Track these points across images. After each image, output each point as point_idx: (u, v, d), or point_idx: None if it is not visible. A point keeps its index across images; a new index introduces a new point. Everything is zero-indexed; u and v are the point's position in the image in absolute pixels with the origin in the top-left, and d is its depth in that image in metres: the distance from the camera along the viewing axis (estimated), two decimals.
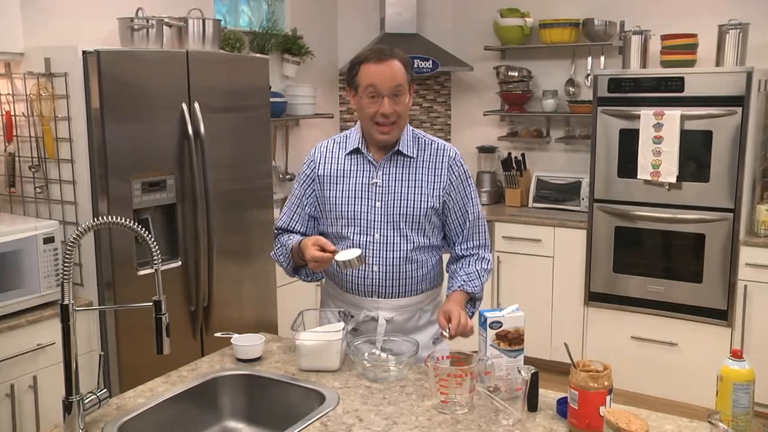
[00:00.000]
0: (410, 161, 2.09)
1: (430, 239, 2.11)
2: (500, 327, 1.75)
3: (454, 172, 2.10)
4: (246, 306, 3.27)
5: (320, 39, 4.65)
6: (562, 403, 1.68)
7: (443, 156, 2.11)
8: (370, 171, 2.09)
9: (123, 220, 1.56)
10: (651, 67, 4.03)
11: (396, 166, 2.09)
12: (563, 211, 4.39)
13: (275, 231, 2.25)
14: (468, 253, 2.16)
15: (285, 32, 4.33)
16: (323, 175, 2.13)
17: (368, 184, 2.08)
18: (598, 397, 1.54)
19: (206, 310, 3.05)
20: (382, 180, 2.08)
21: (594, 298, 4.08)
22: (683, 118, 3.66)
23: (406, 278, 2.08)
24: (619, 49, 4.32)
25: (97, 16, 3.18)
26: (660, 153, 3.72)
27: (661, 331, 3.89)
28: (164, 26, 3.06)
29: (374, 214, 2.07)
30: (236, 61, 3.22)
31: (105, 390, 1.67)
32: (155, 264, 1.60)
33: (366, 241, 2.06)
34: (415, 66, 4.59)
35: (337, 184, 2.11)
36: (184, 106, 2.88)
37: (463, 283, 2.10)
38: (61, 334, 1.57)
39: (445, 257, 2.22)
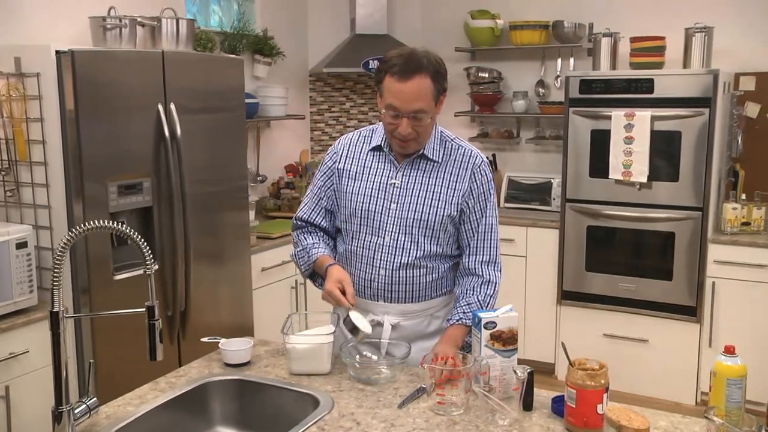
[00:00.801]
0: (433, 165, 2.02)
1: (443, 247, 2.03)
2: (494, 327, 1.76)
3: (476, 180, 2.02)
4: (222, 310, 3.23)
5: (290, 40, 4.62)
6: (557, 402, 1.70)
7: (468, 162, 2.03)
8: (390, 171, 2.03)
9: (116, 224, 1.53)
10: (620, 68, 4.10)
11: (417, 169, 2.02)
12: (535, 210, 4.44)
13: (295, 222, 2.17)
14: (474, 271, 2.04)
15: (256, 33, 4.29)
16: (343, 170, 2.08)
17: (386, 183, 2.02)
18: (596, 395, 1.56)
19: (183, 314, 3.00)
20: (401, 181, 2.02)
21: (566, 296, 4.13)
22: (653, 118, 3.73)
23: (413, 284, 2.02)
24: (588, 51, 4.40)
25: (66, 15, 3.11)
26: (631, 153, 3.79)
27: (632, 328, 3.96)
28: (137, 26, 3.01)
29: (387, 215, 2.01)
30: (211, 62, 3.18)
31: (95, 399, 1.62)
32: (148, 269, 1.57)
33: (375, 243, 2.02)
34: None
35: (355, 180, 2.06)
36: (160, 107, 2.83)
37: (462, 315, 1.99)
38: (50, 341, 1.53)
39: None
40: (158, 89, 2.84)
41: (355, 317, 1.90)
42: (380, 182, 2.03)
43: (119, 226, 1.53)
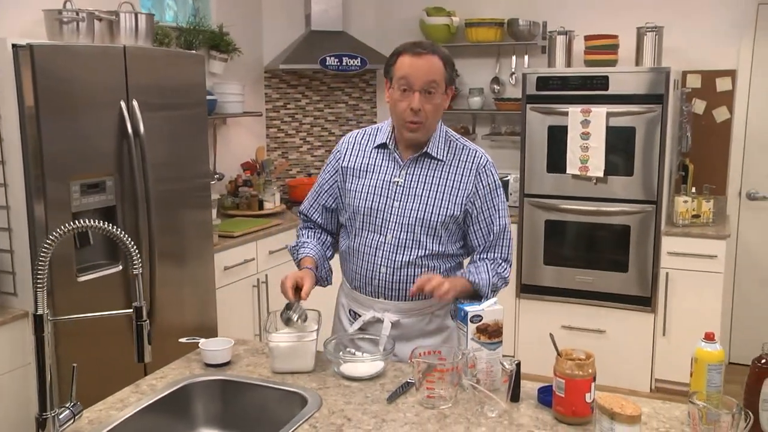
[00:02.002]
0: (437, 164, 2.02)
1: (445, 247, 2.03)
2: (481, 321, 1.78)
3: (481, 180, 2.02)
4: (187, 310, 3.17)
5: (245, 36, 4.55)
6: (544, 393, 1.73)
7: (472, 162, 2.03)
8: (393, 168, 2.04)
9: (101, 224, 1.49)
10: (575, 66, 4.20)
11: (421, 168, 2.02)
12: None
13: (299, 214, 2.25)
14: (489, 259, 2.06)
15: (212, 28, 4.22)
16: (347, 167, 2.10)
17: (390, 182, 2.03)
18: (584, 384, 1.59)
19: (148, 315, 2.92)
20: (405, 180, 2.02)
21: (525, 290, 4.20)
22: (608, 114, 3.83)
23: (413, 282, 1.97)
24: (543, 49, 4.48)
25: (17, 7, 2.99)
26: (588, 148, 3.88)
27: (589, 319, 4.06)
28: (95, 20, 2.93)
29: (390, 213, 2.01)
30: (172, 58, 3.11)
31: (78, 403, 1.58)
32: (135, 269, 1.53)
33: (378, 241, 2.03)
34: (343, 63, 4.59)
35: (359, 177, 2.07)
36: (123, 103, 2.76)
37: (468, 273, 2.01)
38: (33, 345, 1.48)
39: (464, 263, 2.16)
40: (120, 85, 2.76)
41: (294, 311, 1.94)
42: (384, 180, 2.04)
43: (105, 226, 1.49)
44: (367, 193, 2.04)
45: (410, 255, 2.01)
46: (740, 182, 4.32)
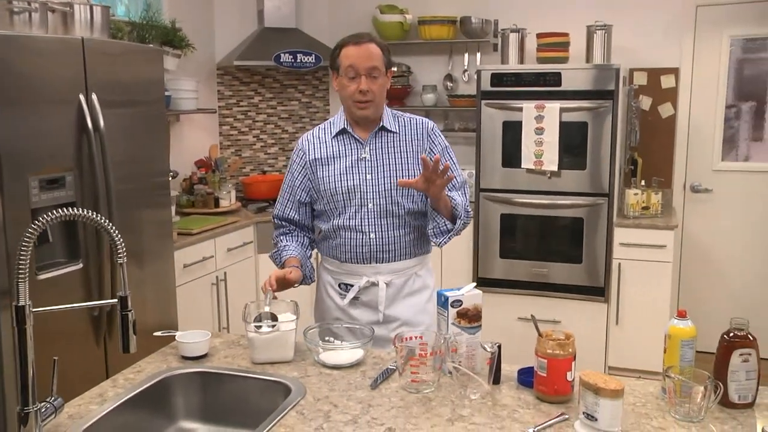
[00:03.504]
0: (393, 136, 2.27)
1: (418, 204, 2.26)
2: (461, 305, 1.81)
3: (433, 141, 2.30)
4: (148, 308, 3.11)
5: (197, 32, 4.49)
6: (523, 374, 1.78)
7: (422, 128, 2.30)
8: (358, 148, 2.25)
9: (88, 213, 1.46)
10: (528, 63, 4.29)
11: (381, 141, 2.26)
12: None
13: (274, 221, 2.39)
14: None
15: (164, 24, 4.15)
16: (314, 159, 2.27)
17: (357, 159, 2.24)
18: (566, 363, 1.64)
19: (110, 315, 2.87)
20: (370, 155, 2.25)
21: (481, 283, 4.24)
22: (561, 110, 3.93)
23: (400, 242, 2.25)
24: (495, 46, 4.57)
25: None
26: (542, 143, 3.98)
27: (545, 310, 4.14)
28: (48, 11, 2.85)
29: (366, 185, 2.22)
30: (131, 52, 3.04)
31: (60, 398, 1.54)
32: (119, 259, 1.51)
33: (361, 212, 2.23)
34: (298, 60, 4.58)
35: (328, 165, 2.25)
36: (82, 97, 2.69)
37: (447, 192, 2.19)
38: (14, 339, 1.43)
39: None
40: (79, 79, 2.69)
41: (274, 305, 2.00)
42: (352, 160, 2.25)
43: (91, 215, 1.46)
44: (341, 174, 2.24)
45: (393, 216, 2.24)
46: (685, 175, 4.50)
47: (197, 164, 4.53)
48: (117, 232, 1.51)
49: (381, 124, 2.26)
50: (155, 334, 2.01)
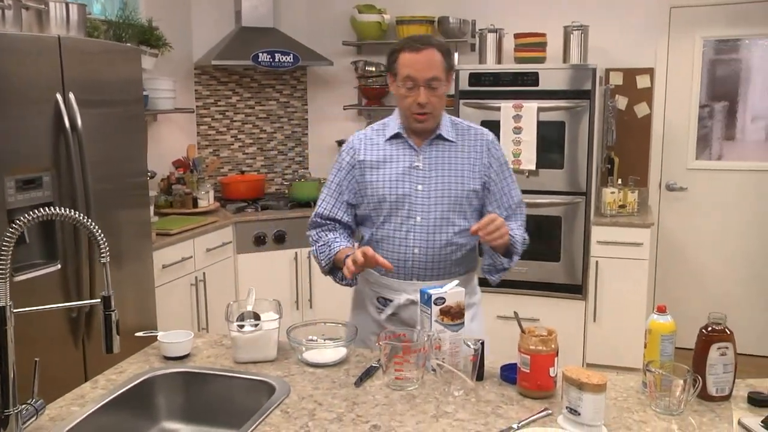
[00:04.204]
0: (450, 146, 2.13)
1: (469, 222, 2.11)
2: (444, 303, 1.82)
3: (493, 155, 2.16)
4: (127, 309, 3.08)
5: (174, 31, 4.46)
6: (506, 370, 1.79)
7: (482, 139, 2.17)
8: (411, 155, 2.12)
9: (70, 212, 1.44)
10: (505, 63, 4.32)
11: (437, 151, 2.13)
12: None
13: (315, 220, 2.23)
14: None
15: (141, 22, 4.11)
16: (364, 161, 2.15)
17: (410, 167, 2.11)
18: (548, 359, 1.66)
19: (88, 316, 2.84)
20: (424, 164, 2.11)
21: None
22: (539, 110, 3.96)
23: (445, 261, 2.12)
24: (472, 46, 4.59)
25: None
26: (520, 143, 4.01)
27: (524, 308, 4.13)
28: (22, 8, 2.82)
29: (416, 197, 2.10)
30: (109, 51, 3.02)
31: (41, 400, 1.52)
32: (103, 258, 1.49)
33: (408, 225, 2.10)
34: (276, 60, 4.56)
35: (378, 168, 2.13)
36: (59, 96, 2.66)
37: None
38: None
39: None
40: (56, 78, 2.66)
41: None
42: (404, 167, 2.12)
43: (74, 214, 1.45)
44: (390, 181, 2.11)
45: (441, 233, 2.10)
46: (660, 174, 4.56)
47: (175, 164, 4.50)
48: (100, 231, 1.49)
49: (438, 132, 2.12)
50: (137, 334, 2.00)
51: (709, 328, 1.66)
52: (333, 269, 2.16)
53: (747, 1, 4.28)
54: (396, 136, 2.14)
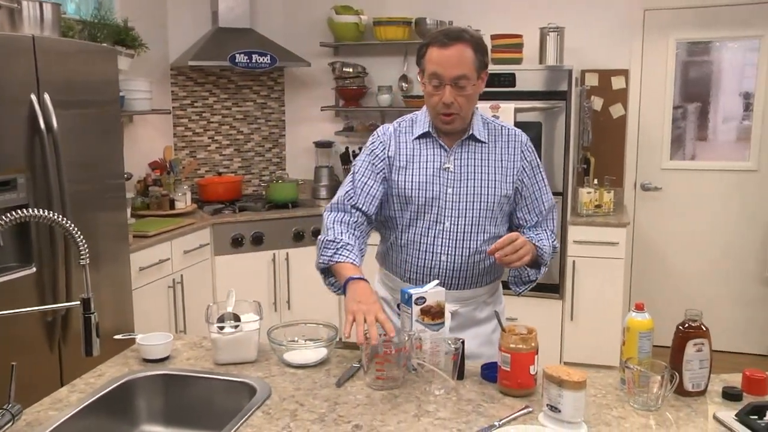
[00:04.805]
0: (482, 147, 2.01)
1: (500, 228, 2.04)
2: (424, 302, 1.82)
3: (526, 158, 2.05)
4: (104, 313, 3.04)
5: (150, 31, 4.42)
6: (487, 369, 1.80)
7: (516, 141, 2.05)
8: (441, 156, 2.00)
9: (49, 214, 1.43)
10: None
11: (468, 152, 2.00)
12: None
13: (335, 203, 2.02)
14: (543, 230, 2.09)
15: (116, 22, 4.07)
16: (393, 157, 2.02)
17: (440, 169, 1.99)
18: (529, 357, 1.68)
19: (64, 320, 2.80)
20: (455, 165, 1.99)
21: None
22: (516, 110, 3.99)
23: (475, 269, 2.02)
24: None
25: None
26: None
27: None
28: None
29: (445, 200, 1.98)
30: (85, 51, 2.98)
31: (18, 405, 1.51)
32: (83, 260, 1.48)
33: (436, 230, 2.00)
34: (253, 61, 4.55)
35: (406, 168, 2.00)
36: (34, 97, 2.63)
37: (530, 238, 1.98)
38: None
39: None
40: (30, 78, 2.63)
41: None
42: (433, 168, 1.99)
43: (53, 216, 1.43)
44: (419, 182, 1.99)
45: (471, 240, 2.00)
46: (635, 174, 4.62)
47: (151, 166, 4.46)
48: (79, 233, 1.48)
49: (470, 132, 1.99)
50: (116, 337, 1.98)
51: (686, 325, 1.68)
52: (326, 272, 1.98)
53: (717, 5, 4.36)
54: (425, 135, 2.01)
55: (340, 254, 1.91)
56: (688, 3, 4.39)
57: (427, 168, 2.00)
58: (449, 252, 2.00)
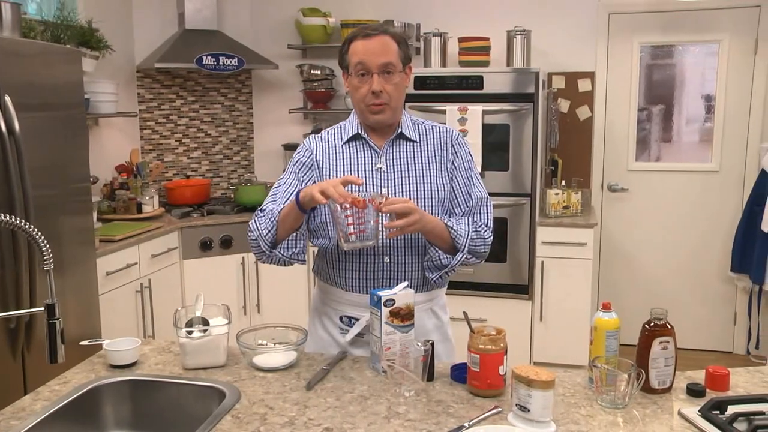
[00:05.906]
0: (414, 146, 2.00)
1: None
2: (393, 305, 1.83)
3: (456, 151, 2.03)
4: (70, 319, 3.00)
5: (115, 33, 4.37)
6: (456, 370, 1.81)
7: (446, 136, 2.04)
8: (372, 157, 1.99)
9: (10, 218, 1.40)
10: (450, 66, 4.38)
11: (399, 151, 1.99)
12: None
13: (259, 212, 1.97)
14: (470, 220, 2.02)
15: (80, 24, 4.01)
16: (321, 161, 2.00)
17: (372, 170, 1.98)
18: (498, 357, 1.69)
19: (28, 326, 2.75)
20: (387, 165, 1.98)
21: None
22: (484, 112, 4.02)
23: (419, 268, 1.99)
24: (417, 50, 4.63)
25: None
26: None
27: (472, 309, 4.12)
28: None
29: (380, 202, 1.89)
30: (47, 53, 2.93)
31: None
32: (47, 265, 1.46)
33: None
34: (220, 63, 4.51)
35: (336, 173, 1.98)
36: None
37: (445, 219, 1.96)
38: None
39: None
40: None
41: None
42: (365, 169, 1.98)
43: (15, 221, 1.41)
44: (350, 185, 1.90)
45: (411, 239, 1.96)
46: (602, 175, 4.69)
47: (118, 169, 4.40)
48: (42, 237, 1.45)
49: (399, 130, 1.98)
50: (82, 343, 1.95)
51: (652, 323, 1.71)
52: (276, 243, 1.94)
53: (678, 9, 4.44)
54: (354, 138, 2.00)
55: (276, 211, 1.92)
56: (651, 8, 4.47)
57: (358, 169, 1.98)
58: (390, 253, 1.97)
